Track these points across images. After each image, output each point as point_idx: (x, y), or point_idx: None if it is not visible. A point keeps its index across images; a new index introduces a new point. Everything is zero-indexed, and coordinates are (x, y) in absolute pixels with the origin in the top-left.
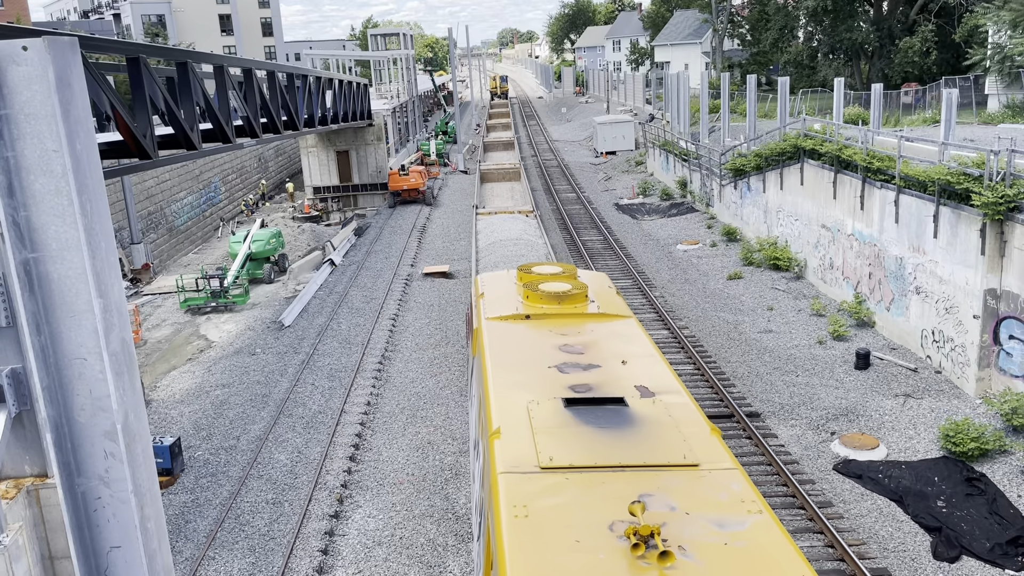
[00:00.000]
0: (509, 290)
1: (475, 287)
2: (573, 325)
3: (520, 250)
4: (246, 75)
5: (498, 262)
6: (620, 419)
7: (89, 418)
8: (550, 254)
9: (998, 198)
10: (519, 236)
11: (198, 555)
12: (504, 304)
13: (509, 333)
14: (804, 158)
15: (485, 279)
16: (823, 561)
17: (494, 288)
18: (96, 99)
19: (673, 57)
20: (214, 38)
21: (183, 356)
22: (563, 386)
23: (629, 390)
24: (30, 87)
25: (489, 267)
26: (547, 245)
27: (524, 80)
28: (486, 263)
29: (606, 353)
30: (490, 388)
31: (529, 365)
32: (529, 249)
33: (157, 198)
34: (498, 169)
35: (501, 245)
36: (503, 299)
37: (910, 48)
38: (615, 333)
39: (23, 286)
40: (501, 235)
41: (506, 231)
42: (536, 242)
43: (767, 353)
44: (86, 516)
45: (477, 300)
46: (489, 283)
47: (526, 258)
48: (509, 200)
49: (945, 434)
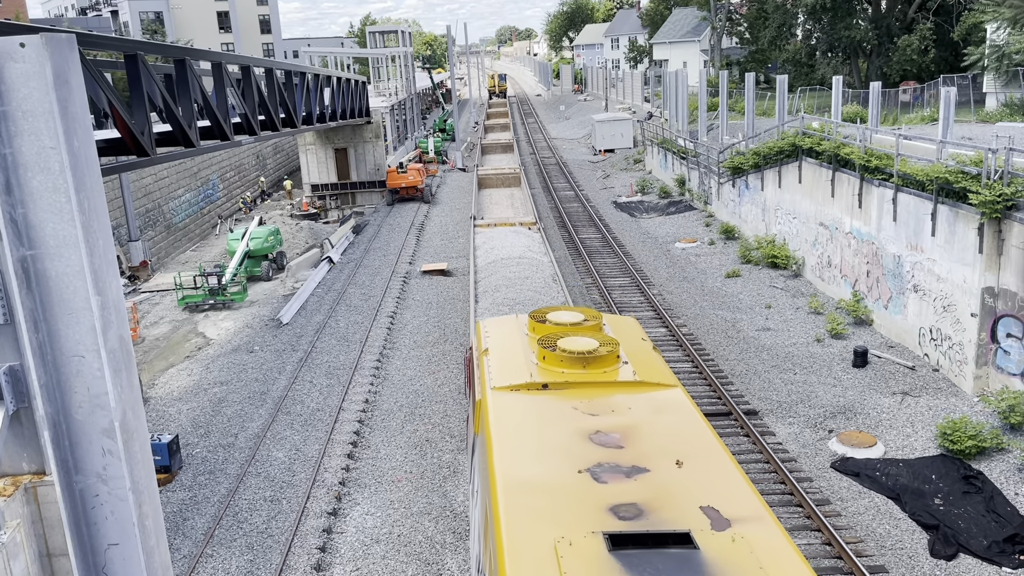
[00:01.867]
0: (519, 345)
1: (476, 336)
2: (604, 398)
3: (524, 271)
4: (244, 72)
5: (499, 284)
6: (689, 572)
7: (87, 415)
8: (557, 275)
9: (996, 196)
10: (522, 254)
11: (196, 552)
12: (514, 366)
13: (522, 412)
14: (802, 156)
15: (489, 328)
16: (821, 559)
17: (501, 341)
18: (94, 96)
19: (671, 55)
20: (212, 35)
21: (181, 354)
22: (602, 507)
23: (693, 514)
24: (27, 84)
25: (490, 290)
26: (554, 264)
27: (523, 78)
28: (486, 285)
29: (652, 447)
30: (501, 510)
31: (552, 468)
32: (534, 270)
33: (155, 195)
34: (497, 174)
35: (503, 264)
36: (512, 359)
37: (908, 46)
38: (659, 410)
39: (21, 283)
40: (502, 252)
41: (508, 247)
42: (541, 261)
43: (765, 351)
44: (84, 513)
45: (480, 357)
46: (494, 333)
47: (531, 281)
48: (509, 209)
49: (943, 432)
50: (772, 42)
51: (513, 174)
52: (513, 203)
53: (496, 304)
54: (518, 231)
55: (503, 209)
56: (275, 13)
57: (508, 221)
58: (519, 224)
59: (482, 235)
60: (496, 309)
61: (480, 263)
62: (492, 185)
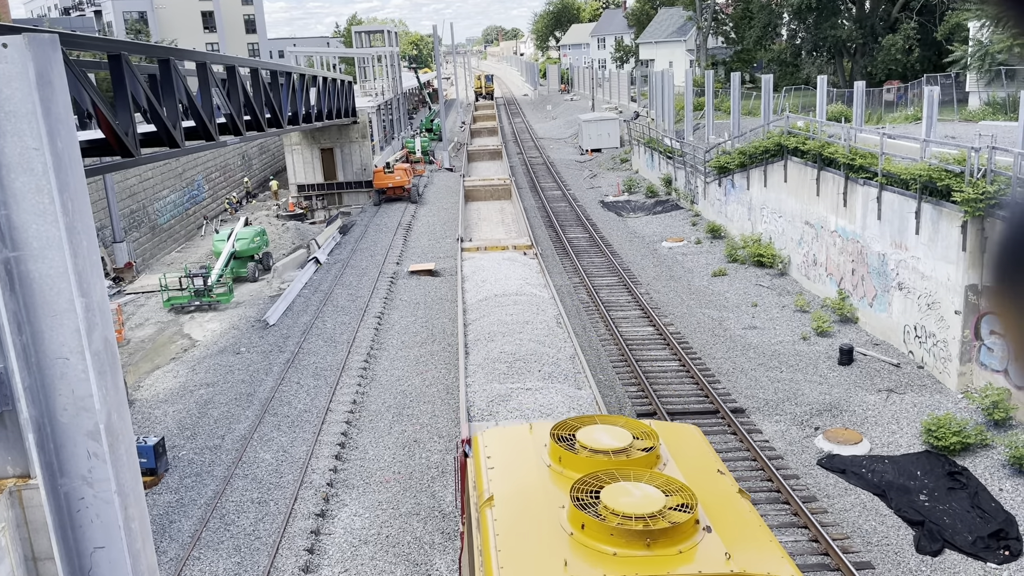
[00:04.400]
0: (540, 495)
1: (474, 460)
2: None
3: (522, 312)
4: (229, 72)
5: (494, 331)
6: None
7: (72, 418)
8: (562, 316)
9: (979, 194)
10: (519, 289)
11: (183, 555)
12: (534, 532)
13: None
14: (788, 155)
15: (492, 445)
16: (807, 555)
17: (512, 483)
18: (77, 97)
19: (658, 55)
20: (196, 35)
21: (167, 355)
22: None
23: None
24: (9, 84)
25: (482, 338)
26: (556, 302)
27: (510, 78)
28: (478, 331)
29: None
30: None
31: None
32: (534, 311)
33: (140, 196)
34: (485, 186)
35: (497, 303)
36: (532, 527)
37: (893, 46)
38: None
39: (3, 285)
40: (496, 286)
41: (501, 280)
42: (541, 297)
43: (751, 349)
44: (69, 517)
45: (481, 508)
46: (500, 460)
47: (531, 327)
48: (499, 226)
49: (927, 428)
50: (757, 42)
51: (503, 185)
52: (504, 219)
53: (491, 360)
54: (512, 258)
55: (493, 227)
56: (260, 13)
57: (500, 244)
58: (512, 248)
59: (471, 262)
60: (491, 367)
61: (470, 299)
62: (480, 198)
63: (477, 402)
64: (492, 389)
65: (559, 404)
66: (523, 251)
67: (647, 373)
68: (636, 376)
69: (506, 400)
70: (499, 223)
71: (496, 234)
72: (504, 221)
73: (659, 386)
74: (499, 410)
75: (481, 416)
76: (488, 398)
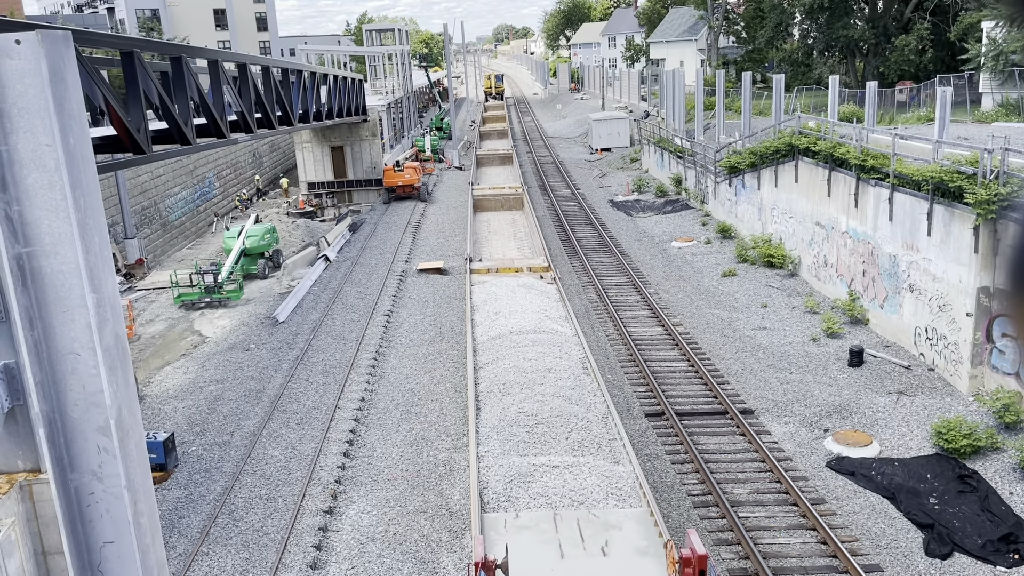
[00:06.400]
0: None
1: None
2: None
3: (542, 356)
4: (241, 70)
5: (509, 381)
6: None
7: (82, 413)
8: (588, 360)
9: (991, 196)
10: (537, 325)
11: (192, 550)
12: None
13: None
14: (799, 156)
15: None
16: (815, 558)
17: None
18: (90, 93)
19: (668, 54)
20: (208, 33)
21: (177, 351)
22: None
23: None
24: (23, 81)
25: (495, 391)
26: (581, 338)
27: (520, 77)
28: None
29: None
30: None
31: None
32: (556, 354)
33: (151, 193)
34: (496, 196)
35: (512, 343)
36: None
37: (906, 46)
38: None
39: (16, 281)
40: (510, 321)
41: (516, 313)
42: (563, 334)
43: (761, 350)
44: (79, 511)
45: None
46: None
47: (553, 375)
48: (511, 241)
49: (938, 431)
50: (769, 41)
51: (515, 195)
52: (516, 232)
53: (507, 423)
54: (528, 284)
55: (504, 241)
56: (272, 11)
57: (513, 266)
58: (528, 270)
59: (481, 288)
60: (508, 431)
61: (481, 335)
62: (490, 208)
63: (492, 482)
64: (510, 464)
65: (593, 487)
66: (539, 274)
67: (655, 373)
68: (644, 376)
69: (527, 481)
70: (511, 236)
71: (508, 251)
72: (516, 235)
73: (667, 386)
74: (519, 495)
75: (497, 502)
76: (505, 477)
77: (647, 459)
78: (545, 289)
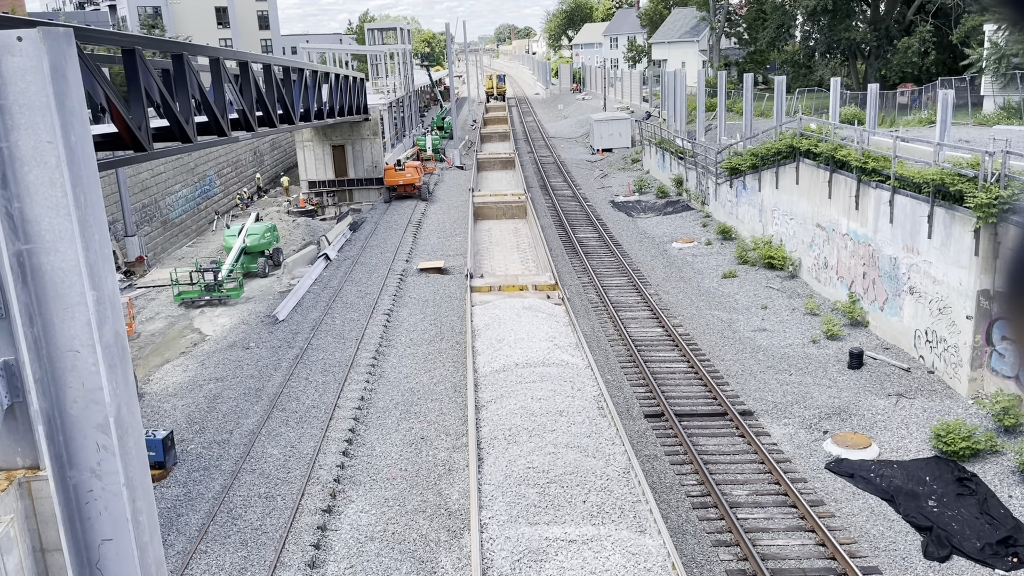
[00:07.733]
0: None
1: None
2: None
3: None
4: (242, 68)
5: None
6: None
7: (81, 410)
8: (604, 398)
9: (992, 199)
10: (546, 355)
11: (190, 548)
12: None
13: None
14: (800, 157)
15: None
16: (814, 559)
17: None
18: (91, 91)
19: (670, 55)
20: (210, 31)
21: (176, 349)
22: None
23: None
24: (24, 78)
25: (500, 437)
26: (595, 371)
27: (521, 77)
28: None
29: None
30: None
31: None
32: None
33: (152, 190)
34: (498, 203)
35: (517, 378)
36: None
37: (908, 49)
38: None
39: (16, 277)
40: (515, 350)
41: (523, 340)
42: (575, 366)
43: (761, 351)
44: (78, 509)
45: None
46: None
47: (566, 417)
48: (515, 252)
49: (937, 434)
50: (771, 43)
51: (518, 203)
52: (519, 242)
53: (515, 481)
54: (534, 306)
55: (507, 253)
56: (274, 9)
57: (517, 283)
58: (533, 288)
59: (482, 310)
60: (515, 491)
61: (483, 367)
62: (492, 216)
63: (497, 560)
64: (519, 537)
65: (617, 568)
66: (546, 293)
67: (655, 374)
68: (644, 377)
69: (540, 560)
70: (514, 248)
71: (511, 265)
72: (520, 246)
73: (667, 387)
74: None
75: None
76: (513, 554)
77: (647, 459)
78: (553, 312)
